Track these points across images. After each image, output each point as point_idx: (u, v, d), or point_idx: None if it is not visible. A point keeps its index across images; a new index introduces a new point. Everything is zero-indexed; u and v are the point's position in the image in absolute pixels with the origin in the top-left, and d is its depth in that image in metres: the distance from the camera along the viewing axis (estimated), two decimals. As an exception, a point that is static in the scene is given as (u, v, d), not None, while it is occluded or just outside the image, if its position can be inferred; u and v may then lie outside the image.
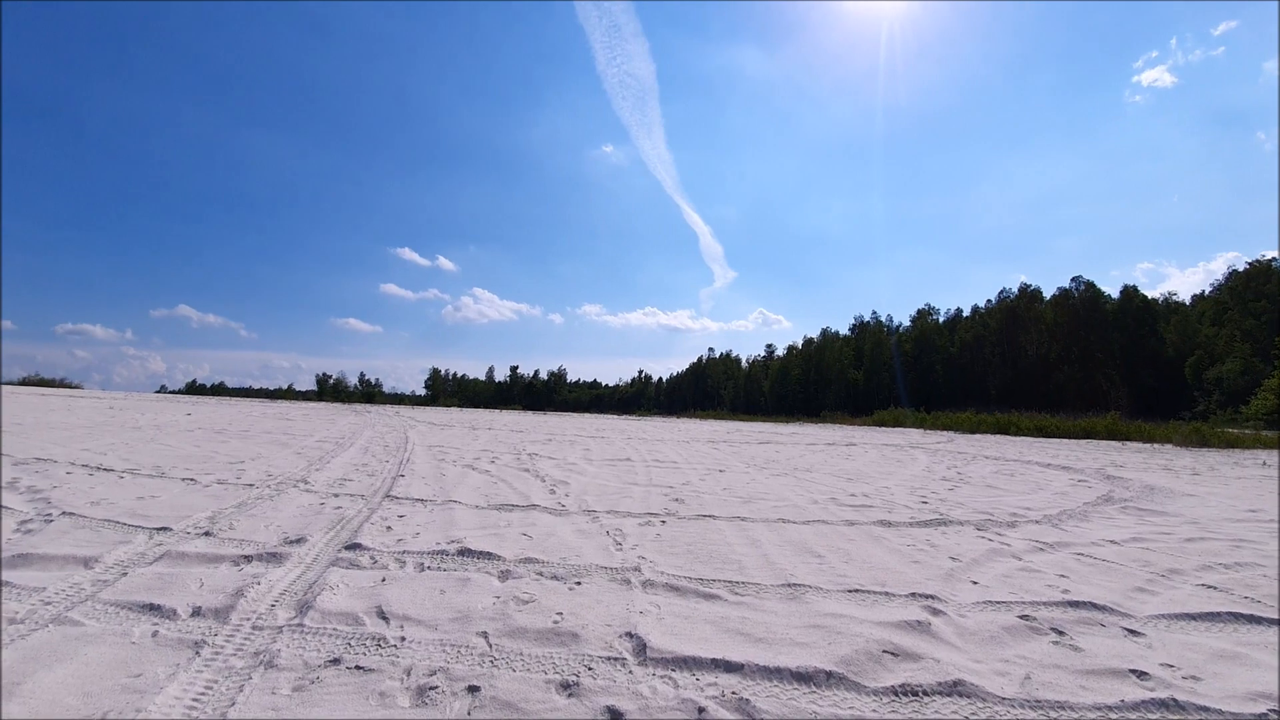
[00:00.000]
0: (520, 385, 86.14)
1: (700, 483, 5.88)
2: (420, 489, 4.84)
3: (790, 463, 8.27)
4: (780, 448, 11.06)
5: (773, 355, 66.62)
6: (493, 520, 3.76)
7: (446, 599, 2.27)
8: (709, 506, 4.53)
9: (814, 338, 59.27)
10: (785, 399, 54.59)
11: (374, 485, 4.96)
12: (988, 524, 4.36)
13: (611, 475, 6.16)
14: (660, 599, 2.37)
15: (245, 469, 5.63)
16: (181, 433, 9.04)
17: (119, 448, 6.80)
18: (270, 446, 7.76)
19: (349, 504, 4.11)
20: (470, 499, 4.45)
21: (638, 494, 5.00)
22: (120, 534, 3.07)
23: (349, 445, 8.34)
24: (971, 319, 55.09)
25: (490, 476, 5.74)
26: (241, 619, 2.04)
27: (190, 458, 6.29)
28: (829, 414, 38.39)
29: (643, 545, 3.25)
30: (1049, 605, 2.61)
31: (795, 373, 56.05)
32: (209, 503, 3.98)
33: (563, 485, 5.32)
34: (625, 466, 6.97)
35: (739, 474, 6.74)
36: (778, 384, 56.94)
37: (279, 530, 3.26)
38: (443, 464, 6.60)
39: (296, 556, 2.76)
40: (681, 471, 6.72)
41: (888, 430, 21.35)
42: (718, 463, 7.85)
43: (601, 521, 3.83)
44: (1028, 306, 52.59)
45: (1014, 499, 5.70)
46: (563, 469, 6.49)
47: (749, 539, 3.50)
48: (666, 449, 9.68)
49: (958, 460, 9.42)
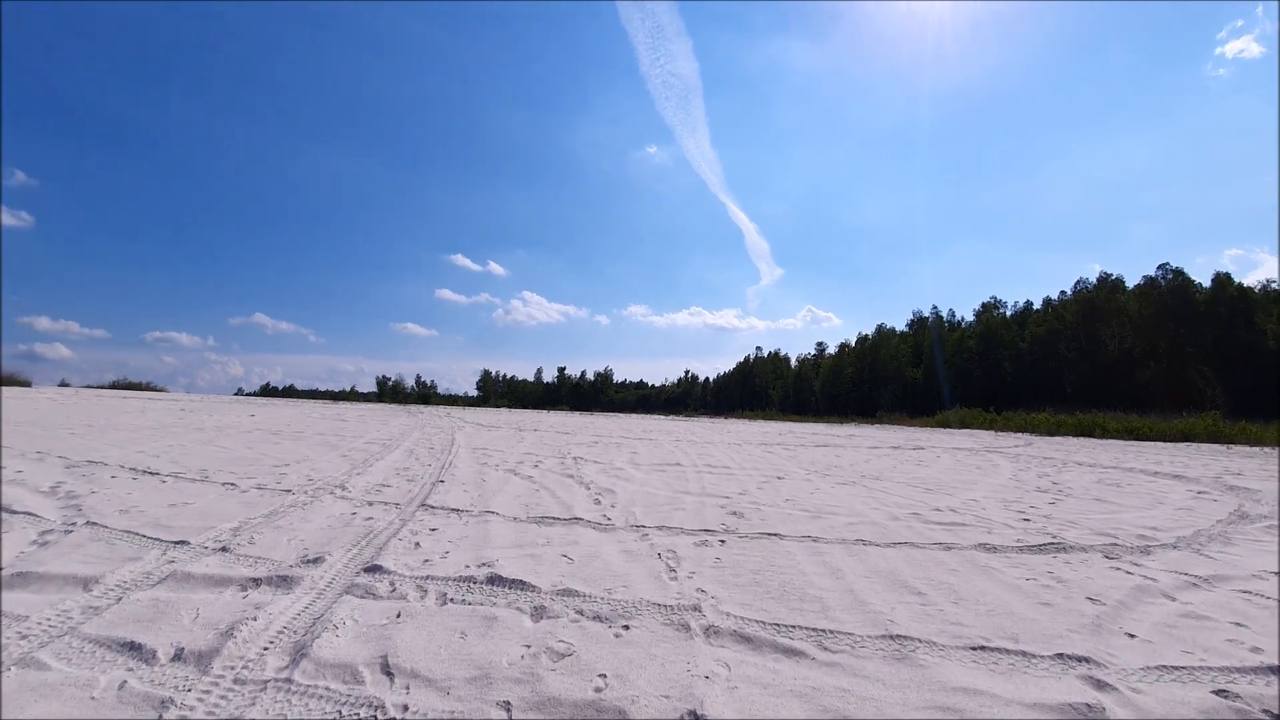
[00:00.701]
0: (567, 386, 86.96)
1: (758, 492, 5.33)
2: (458, 497, 4.52)
3: (855, 469, 7.56)
4: (840, 451, 10.30)
5: (824, 353, 64.38)
6: (531, 536, 3.36)
7: (467, 647, 1.86)
8: (772, 522, 3.99)
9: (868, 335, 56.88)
10: (837, 399, 52.55)
11: (411, 492, 4.69)
12: (1115, 549, 3.63)
13: (661, 483, 5.69)
14: (729, 654, 1.89)
15: (288, 473, 5.50)
16: (240, 434, 9.20)
17: (174, 450, 6.88)
18: (319, 449, 7.72)
19: (381, 514, 3.82)
20: (509, 509, 4.09)
21: (690, 505, 4.51)
22: (134, 548, 2.85)
23: (395, 448, 8.23)
24: (1044, 312, 51.44)
25: (532, 483, 5.38)
26: (225, 667, 1.70)
27: (238, 460, 6.26)
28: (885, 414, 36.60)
29: (701, 572, 2.77)
30: (1245, 672, 1.97)
31: (848, 371, 53.86)
32: (240, 511, 3.77)
33: (608, 494, 4.89)
34: (675, 472, 6.49)
35: (800, 482, 6.14)
36: (829, 383, 54.89)
37: (299, 546, 2.97)
38: (485, 468, 6.32)
39: (309, 581, 2.43)
40: (736, 479, 6.18)
41: (954, 432, 19.95)
42: (775, 469, 7.25)
43: (652, 540, 3.37)
44: (1108, 298, 48.68)
45: (1132, 515, 4.87)
46: (609, 475, 6.08)
47: (826, 566, 2.96)
48: (717, 452, 9.14)
49: (1047, 467, 8.43)
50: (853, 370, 53.24)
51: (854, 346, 56.24)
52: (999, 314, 51.64)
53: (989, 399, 42.66)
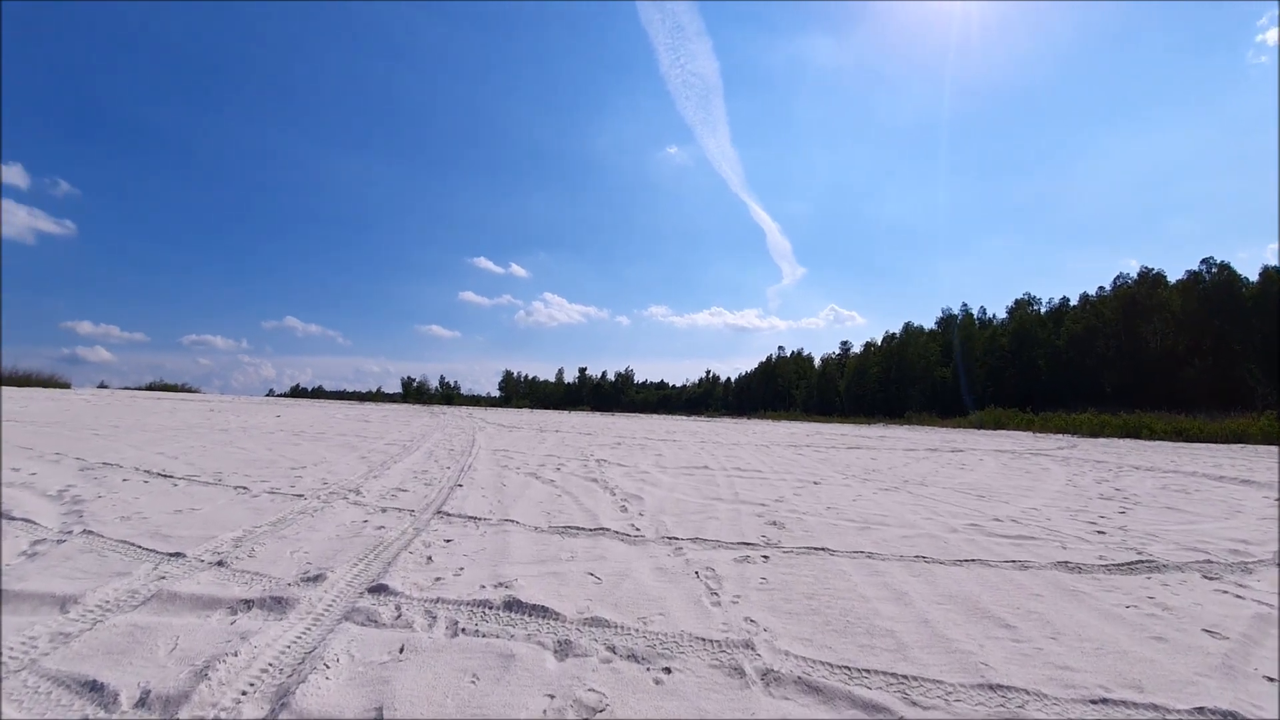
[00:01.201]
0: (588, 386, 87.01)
1: (796, 498, 4.95)
2: (476, 503, 4.25)
3: (895, 473, 7.12)
4: (874, 453, 9.82)
5: (848, 353, 63.13)
6: (553, 550, 3.06)
7: (479, 695, 1.56)
8: (818, 534, 3.63)
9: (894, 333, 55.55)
10: (863, 399, 51.40)
11: (428, 497, 4.43)
12: (1212, 568, 3.18)
13: (690, 487, 5.35)
14: (797, 709, 1.55)
15: (303, 476, 5.31)
16: (262, 435, 9.13)
17: (193, 451, 6.77)
18: (338, 450, 7.57)
19: (394, 522, 3.56)
20: (530, 518, 3.80)
21: (724, 513, 4.17)
22: (126, 561, 2.63)
23: (415, 449, 8.04)
24: (1081, 309, 49.60)
25: (554, 488, 5.10)
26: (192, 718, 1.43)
27: (255, 462, 6.11)
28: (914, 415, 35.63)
29: (746, 596, 2.43)
30: None
31: (874, 371, 52.62)
32: (246, 518, 3.55)
33: (635, 500, 4.57)
34: (704, 476, 6.14)
35: (838, 487, 5.74)
36: (854, 383, 53.72)
37: (302, 560, 2.72)
38: (505, 471, 6.06)
39: (306, 604, 2.16)
40: (770, 484, 5.80)
41: (991, 433, 19.17)
42: (809, 472, 6.85)
43: (687, 555, 3.04)
44: (1149, 293, 46.68)
45: (1213, 526, 4.38)
46: (634, 479, 5.76)
47: (889, 589, 2.59)
48: (746, 454, 8.75)
49: (1102, 471, 7.86)
50: (879, 369, 52.05)
51: (880, 345, 55.02)
52: (1033, 311, 49.98)
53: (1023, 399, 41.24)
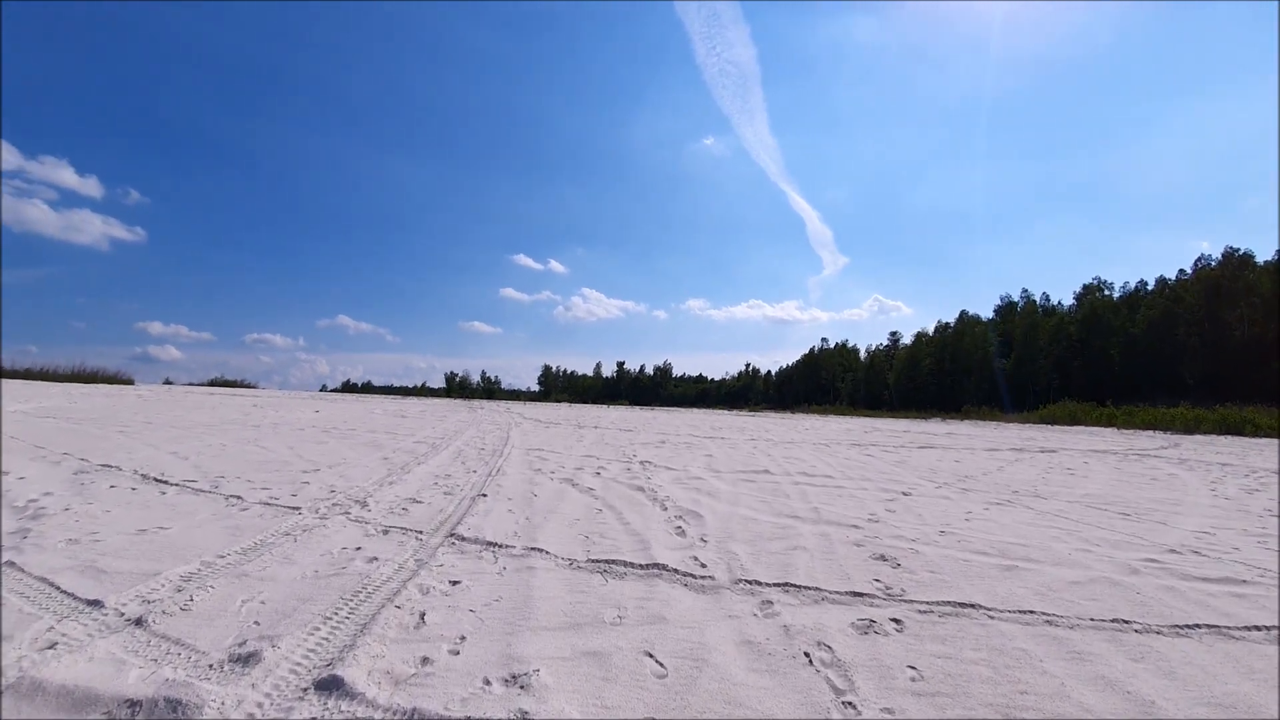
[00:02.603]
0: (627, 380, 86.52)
1: (892, 517, 3.99)
2: (499, 521, 3.48)
3: (992, 480, 6.01)
4: (953, 454, 8.64)
5: (898, 344, 60.37)
6: (593, 603, 2.24)
7: None
8: (950, 577, 2.68)
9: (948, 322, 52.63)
10: (914, 392, 48.84)
11: (444, 512, 3.69)
12: None
13: (755, 499, 4.45)
14: None
15: (311, 482, 4.68)
16: (291, 432, 8.71)
17: (208, 451, 6.30)
18: (363, 449, 7.00)
19: (392, 551, 2.82)
20: (562, 545, 2.99)
21: (811, 540, 3.26)
22: (23, 614, 1.94)
23: (444, 448, 7.41)
24: (1158, 294, 45.70)
25: (593, 499, 4.29)
26: None
27: (267, 464, 5.55)
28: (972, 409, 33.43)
29: (903, 709, 1.54)
30: None
31: (926, 362, 49.93)
32: (216, 542, 2.88)
33: (693, 518, 3.71)
34: (767, 484, 5.22)
35: (936, 500, 4.72)
36: (905, 375, 51.18)
37: (248, 619, 1.98)
38: (538, 476, 5.30)
39: (211, 711, 1.40)
40: (850, 494, 4.84)
41: (1067, 430, 17.40)
42: (889, 478, 5.83)
43: (781, 615, 2.16)
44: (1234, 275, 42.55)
45: None
46: (686, 487, 4.90)
47: (1117, 690, 1.65)
48: (807, 455, 7.76)
49: (1237, 476, 6.51)
50: (931, 361, 49.40)
51: (932, 335, 52.25)
52: (1104, 297, 46.35)
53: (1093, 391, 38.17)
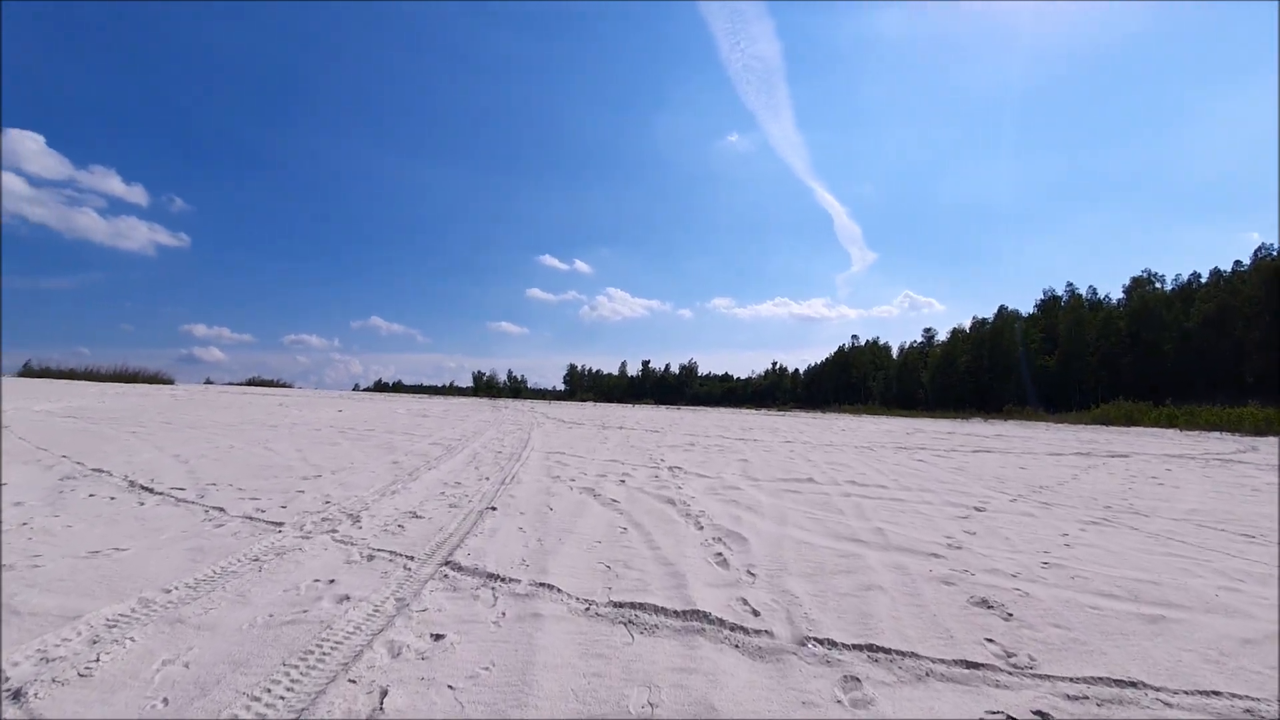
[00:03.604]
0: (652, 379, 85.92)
1: (972, 540, 3.33)
2: (506, 543, 2.95)
3: (1070, 491, 5.26)
4: (1013, 459, 7.82)
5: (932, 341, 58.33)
6: (613, 681, 1.68)
7: None
8: (1079, 629, 2.04)
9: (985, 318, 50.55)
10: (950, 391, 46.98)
11: (444, 531, 3.19)
12: None
13: (805, 516, 3.83)
14: None
15: (306, 491, 4.25)
16: (306, 432, 8.40)
17: (213, 453, 5.96)
18: (375, 452, 6.60)
19: (370, 586, 2.31)
20: (578, 579, 2.45)
21: (883, 573, 2.64)
22: None
23: (459, 451, 6.97)
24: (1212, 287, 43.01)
25: (617, 513, 3.74)
26: None
27: (268, 469, 5.16)
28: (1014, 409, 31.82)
29: None
30: None
31: (963, 360, 48.02)
32: (168, 572, 2.42)
33: (735, 541, 3.12)
34: (814, 494, 4.59)
35: (1016, 518, 4.03)
36: (940, 373, 49.30)
37: (156, 695, 1.48)
38: (556, 484, 4.78)
39: None
40: (913, 509, 4.18)
41: (1124, 431, 16.15)
42: (953, 489, 5.13)
43: (876, 702, 1.56)
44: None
45: None
46: (722, 499, 4.31)
47: None
48: (851, 460, 7.07)
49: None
50: (968, 359, 47.48)
51: (969, 332, 50.26)
52: (1155, 290, 43.84)
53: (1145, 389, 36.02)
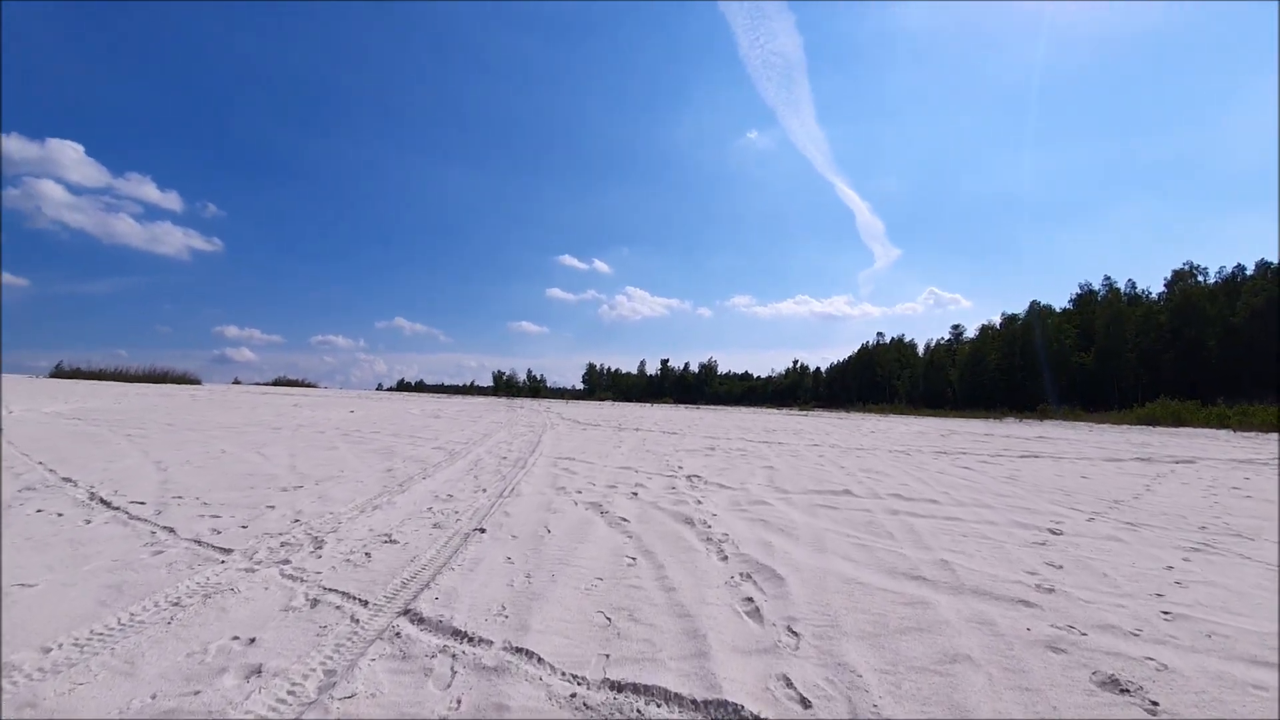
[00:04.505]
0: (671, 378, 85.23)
1: (1061, 576, 2.70)
2: (485, 583, 2.42)
3: (1149, 506, 4.55)
4: (1068, 465, 7.06)
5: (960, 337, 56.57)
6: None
7: None
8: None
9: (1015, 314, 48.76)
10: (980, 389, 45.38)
11: (417, 561, 2.67)
12: None
13: (846, 539, 3.23)
14: None
15: (282, 504, 3.79)
16: (311, 435, 8.03)
17: (199, 459, 5.57)
18: (371, 457, 6.16)
19: (296, 653, 1.80)
20: (567, 637, 1.90)
21: (966, 633, 2.04)
22: None
23: (463, 455, 6.50)
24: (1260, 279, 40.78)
25: (626, 536, 3.19)
26: None
27: (249, 477, 4.73)
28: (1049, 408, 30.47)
29: None
30: None
31: (993, 357, 46.34)
32: (62, 620, 1.94)
33: (767, 577, 2.54)
34: (855, 511, 3.97)
35: (1102, 543, 3.37)
36: (969, 372, 47.67)
37: None
38: (560, 497, 4.25)
39: None
40: (977, 531, 3.54)
41: (1174, 432, 15.07)
42: (1012, 503, 4.46)
43: None
44: (1365, 255, 37.32)
45: None
46: (749, 517, 3.73)
47: None
48: (885, 466, 6.41)
49: None
50: (998, 356, 45.83)
51: (1000, 329, 48.54)
52: (1198, 283, 41.73)
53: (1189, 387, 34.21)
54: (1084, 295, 46.40)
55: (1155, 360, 40.30)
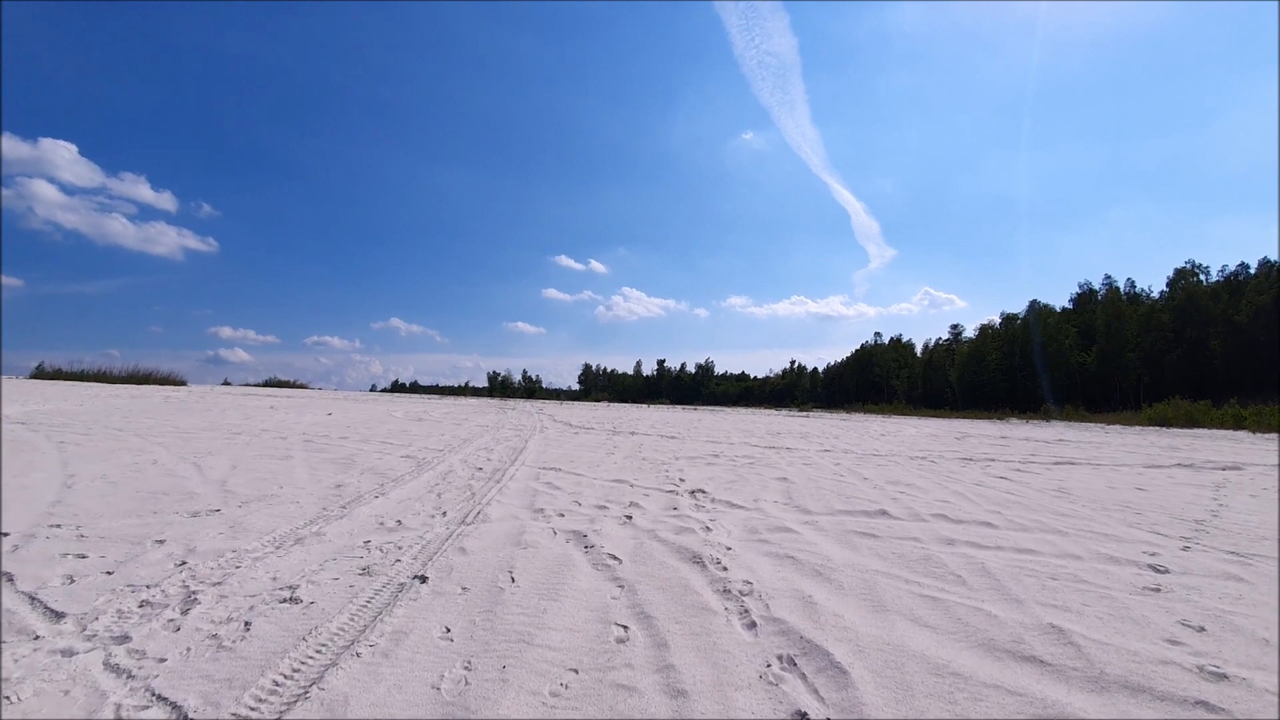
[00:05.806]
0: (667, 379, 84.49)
1: (1210, 644, 1.93)
2: (399, 682, 1.63)
3: (1255, 533, 3.79)
4: (1110, 473, 6.31)
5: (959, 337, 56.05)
6: None
7: None
8: None
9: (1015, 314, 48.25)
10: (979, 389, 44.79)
11: (312, 639, 1.88)
12: None
13: (905, 586, 2.46)
14: None
15: (181, 536, 2.98)
16: (270, 441, 7.21)
17: (122, 469, 4.74)
18: (326, 468, 5.36)
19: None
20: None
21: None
22: None
23: (432, 466, 5.70)
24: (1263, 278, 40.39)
25: (616, 587, 2.40)
26: None
27: (161, 498, 3.91)
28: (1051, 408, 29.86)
29: None
30: None
31: (992, 357, 45.78)
32: None
33: (819, 666, 1.77)
34: (902, 540, 3.20)
35: (1221, 584, 2.61)
36: (968, 371, 47.11)
37: None
38: (535, 523, 3.46)
39: None
40: (1066, 572, 2.77)
41: (1196, 434, 14.38)
42: (1081, 526, 3.69)
43: None
44: (1368, 253, 36.97)
45: None
46: (774, 554, 2.95)
47: None
48: (912, 476, 5.65)
49: None
50: (998, 356, 45.27)
51: (999, 328, 48.02)
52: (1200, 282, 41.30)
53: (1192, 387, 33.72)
54: (1084, 295, 45.92)
55: (1158, 360, 39.84)
